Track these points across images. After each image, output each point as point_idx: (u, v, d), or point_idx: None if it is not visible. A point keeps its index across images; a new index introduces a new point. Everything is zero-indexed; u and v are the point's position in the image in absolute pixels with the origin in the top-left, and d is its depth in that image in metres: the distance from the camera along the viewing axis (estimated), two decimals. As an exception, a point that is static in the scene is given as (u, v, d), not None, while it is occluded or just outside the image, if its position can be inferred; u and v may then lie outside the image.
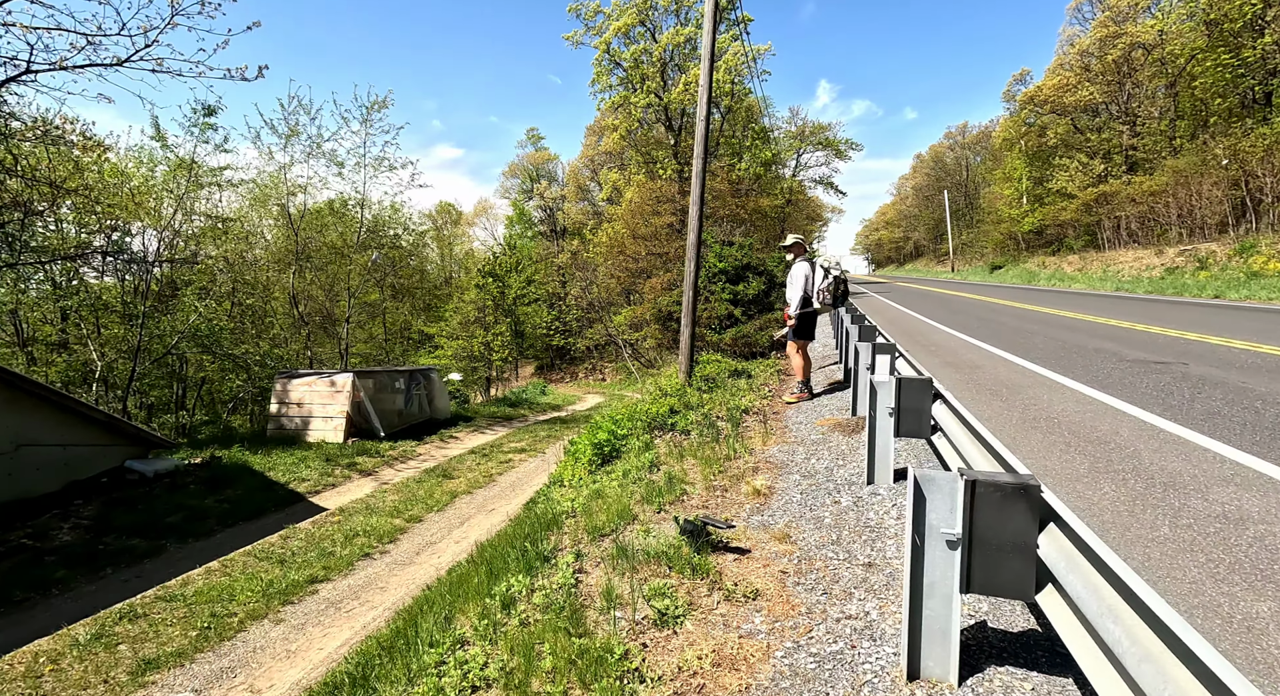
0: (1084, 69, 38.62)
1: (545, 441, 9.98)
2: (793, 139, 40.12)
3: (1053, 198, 41.85)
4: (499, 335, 27.24)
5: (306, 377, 9.07)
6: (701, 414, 6.93)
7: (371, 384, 9.69)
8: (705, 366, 9.45)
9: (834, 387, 8.08)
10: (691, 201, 8.81)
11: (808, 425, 6.24)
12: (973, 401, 6.23)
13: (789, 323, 7.41)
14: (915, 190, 70.89)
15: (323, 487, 7.01)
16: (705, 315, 12.26)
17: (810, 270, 7.33)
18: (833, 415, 6.50)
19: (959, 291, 28.74)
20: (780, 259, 20.35)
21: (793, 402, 7.45)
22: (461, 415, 12.58)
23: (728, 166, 27.13)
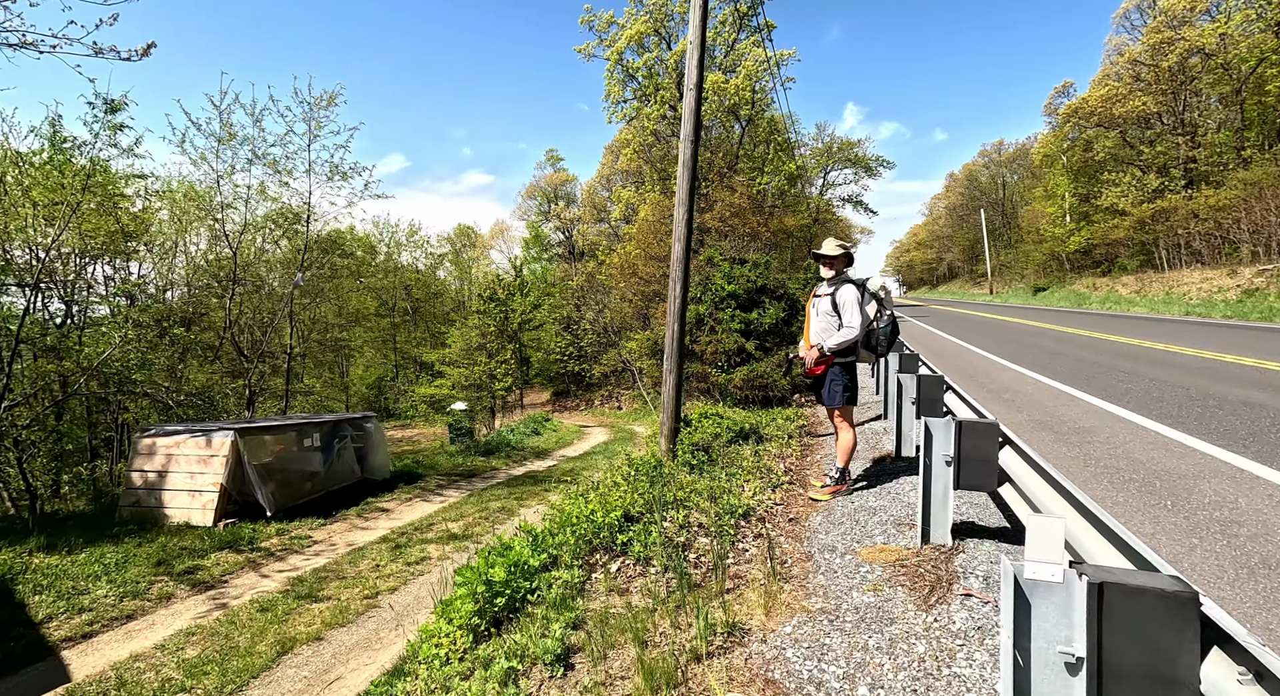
0: (1134, 78, 35.33)
1: (495, 517, 7.45)
2: (820, 155, 37.52)
3: (1101, 215, 38.33)
4: (503, 362, 24.98)
5: (176, 435, 6.75)
6: (678, 519, 4.33)
7: (268, 442, 7.30)
8: (700, 426, 6.84)
9: (880, 470, 5.38)
10: (678, 201, 6.31)
11: (847, 557, 3.61)
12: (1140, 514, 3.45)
13: (810, 366, 4.81)
14: (949, 210, 67.44)
15: (107, 623, 4.55)
16: (710, 349, 9.66)
17: (862, 298, 4.74)
18: (887, 534, 3.85)
19: (1004, 315, 25.51)
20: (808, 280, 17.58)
21: (823, 500, 4.79)
22: (410, 471, 10.12)
23: (748, 181, 24.65)
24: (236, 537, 6.30)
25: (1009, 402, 7.74)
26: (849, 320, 4.59)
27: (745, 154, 26.24)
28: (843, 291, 4.65)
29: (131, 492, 6.70)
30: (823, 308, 4.79)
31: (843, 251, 4.78)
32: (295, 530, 6.76)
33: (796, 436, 7.01)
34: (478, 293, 27.14)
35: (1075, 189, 41.71)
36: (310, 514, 7.37)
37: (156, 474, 6.67)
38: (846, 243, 4.88)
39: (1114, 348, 12.21)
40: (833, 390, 4.71)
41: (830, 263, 4.77)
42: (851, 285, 4.68)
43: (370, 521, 7.41)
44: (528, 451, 13.33)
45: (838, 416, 4.77)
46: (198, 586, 5.26)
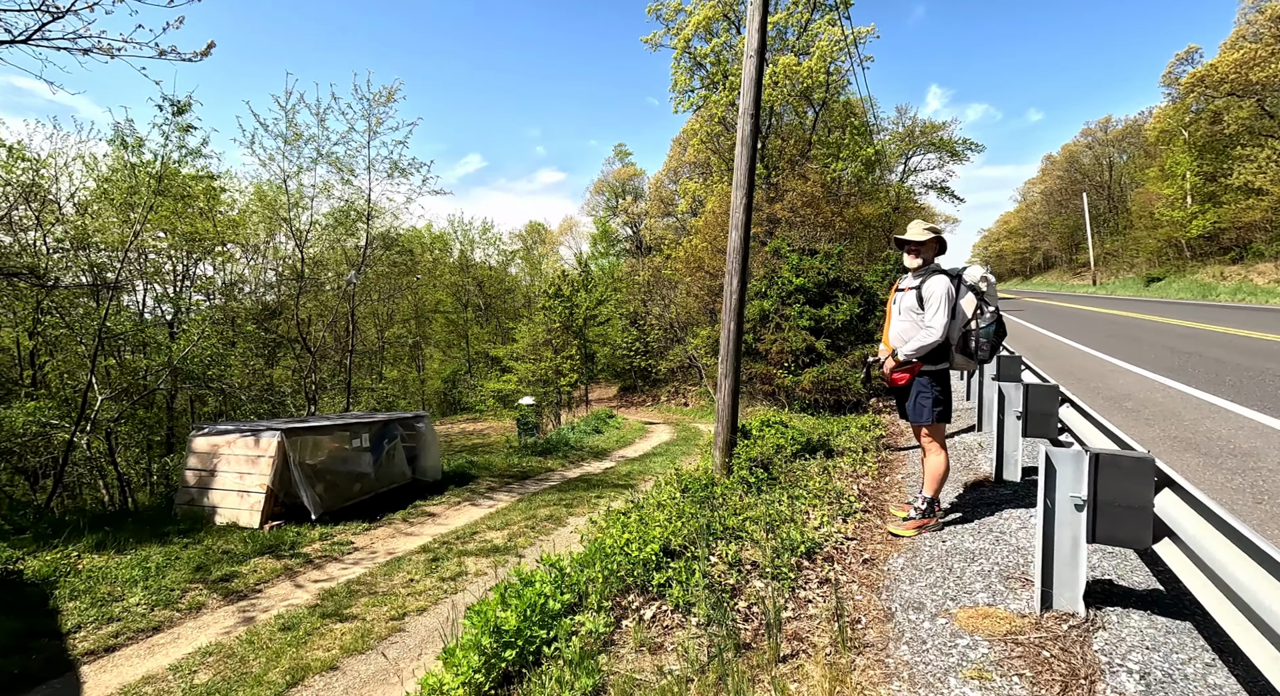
0: (1276, 38, 30.93)
1: (541, 527, 7.01)
2: (900, 140, 35.18)
3: (1232, 195, 33.95)
4: (568, 358, 24.86)
5: (227, 435, 6.70)
6: (727, 555, 3.65)
7: (316, 443, 7.17)
8: (761, 437, 6.07)
9: (976, 499, 4.45)
10: (735, 184, 5.55)
11: (940, 622, 2.82)
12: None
13: (893, 375, 4.00)
14: (1044, 195, 62.20)
15: (133, 635, 4.39)
16: (775, 349, 8.83)
17: (958, 292, 3.89)
18: (992, 591, 3.01)
19: (1113, 309, 22.81)
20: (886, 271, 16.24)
21: (906, 536, 3.97)
22: (463, 472, 9.89)
23: (821, 168, 23.24)
24: (279, 542, 6.14)
25: (1134, 414, 6.51)
26: (932, 319, 3.75)
27: (819, 140, 24.81)
28: (931, 283, 3.81)
29: (185, 491, 6.72)
30: (906, 304, 3.96)
31: (932, 236, 3.92)
32: (339, 535, 6.55)
33: (873, 450, 6.13)
34: (543, 289, 27.15)
35: (1199, 167, 37.11)
36: (357, 516, 7.18)
37: (208, 473, 6.65)
38: (936, 226, 4.02)
39: (1262, 347, 10.37)
40: (919, 404, 3.87)
41: (916, 250, 3.93)
42: (943, 276, 3.82)
43: (415, 527, 7.13)
44: (586, 451, 12.92)
45: (926, 435, 3.93)
46: (230, 596, 5.06)
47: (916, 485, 4.97)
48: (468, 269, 37.30)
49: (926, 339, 3.75)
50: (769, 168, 24.08)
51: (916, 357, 3.84)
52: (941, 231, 4.02)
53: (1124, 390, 7.94)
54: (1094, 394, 7.81)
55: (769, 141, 24.66)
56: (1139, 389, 7.90)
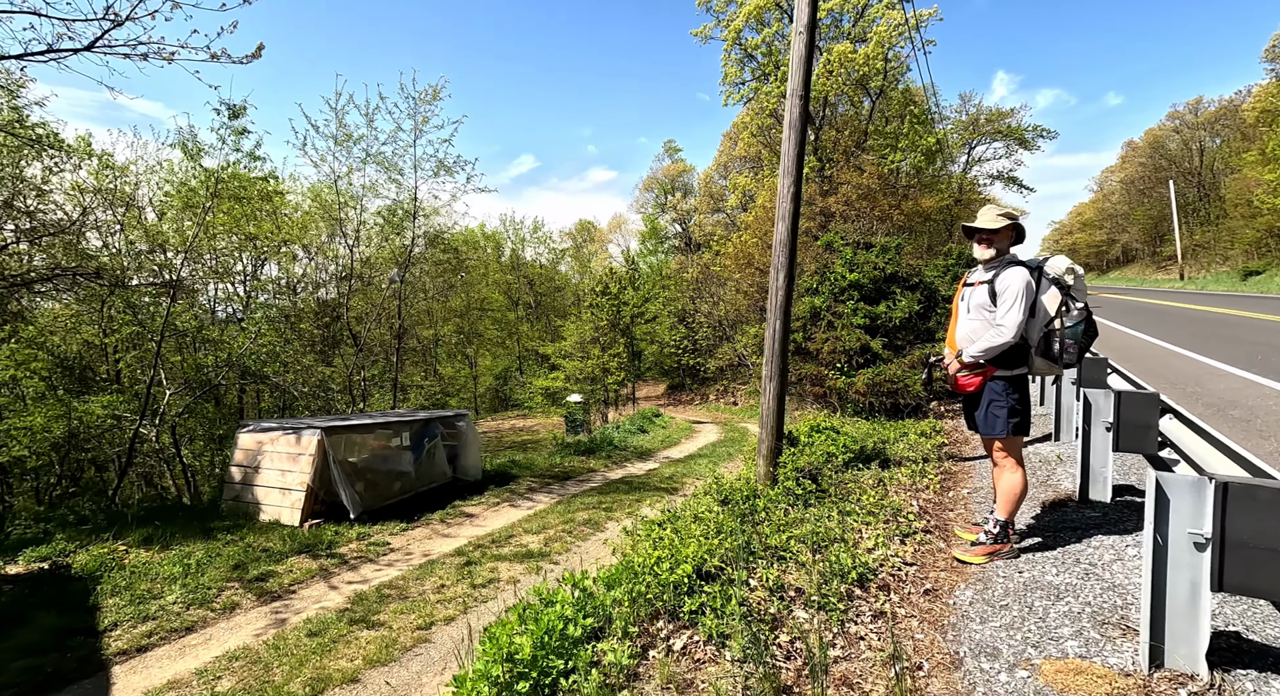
0: (1400, 3, 27.78)
1: (578, 531, 6.77)
2: (963, 129, 33.42)
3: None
4: (615, 356, 24.72)
5: (271, 432, 6.75)
6: (768, 579, 3.28)
7: (356, 441, 7.15)
8: (810, 444, 5.61)
9: (1058, 521, 3.89)
10: (782, 170, 5.13)
11: (1020, 674, 2.36)
12: None
13: (959, 379, 3.53)
14: (1124, 184, 58.11)
15: (166, 635, 4.37)
16: (827, 348, 8.30)
17: (1038, 286, 3.40)
18: (1084, 639, 2.52)
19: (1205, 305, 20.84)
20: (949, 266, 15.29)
21: (973, 563, 3.49)
22: (505, 472, 9.77)
23: (878, 159, 22.22)
24: (317, 541, 6.11)
25: (1243, 424, 5.72)
26: (1004, 317, 3.26)
27: (875, 130, 23.74)
28: (1006, 276, 3.32)
29: (232, 487, 6.81)
30: (976, 300, 3.48)
31: (1007, 223, 3.43)
32: (376, 535, 6.49)
33: (934, 460, 5.58)
34: (590, 286, 27.10)
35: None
36: (396, 516, 7.12)
37: (253, 469, 6.71)
38: (1012, 211, 3.51)
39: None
40: (992, 414, 3.39)
41: (989, 239, 3.44)
42: (1020, 269, 3.33)
43: (452, 528, 7.02)
44: (629, 452, 12.65)
45: (999, 449, 3.44)
46: (264, 596, 5.02)
47: (985, 502, 4.43)
48: (518, 267, 37.78)
49: (996, 339, 3.27)
50: (822, 160, 23.20)
51: (985, 360, 3.36)
52: (1018, 217, 3.51)
53: (1226, 395, 7.06)
54: (1191, 399, 6.98)
55: (822, 133, 23.76)
56: (1245, 395, 7.00)
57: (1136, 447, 3.89)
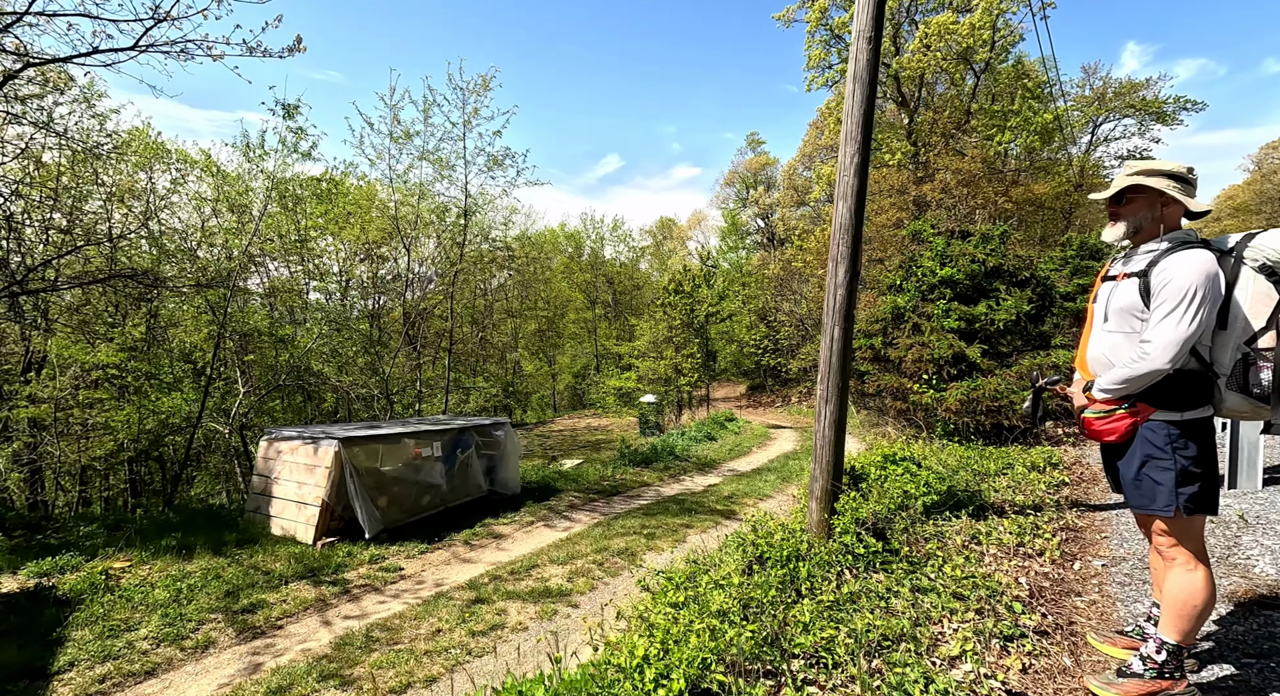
0: None
1: (608, 565, 5.92)
2: (1086, 105, 29.46)
3: None
4: (689, 356, 23.72)
5: (291, 441, 6.38)
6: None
7: (378, 453, 6.65)
8: (883, 480, 4.40)
9: (1259, 631, 2.54)
10: (844, 135, 3.96)
11: None
12: None
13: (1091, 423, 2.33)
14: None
15: (120, 681, 3.82)
16: (910, 357, 6.93)
17: (1234, 279, 2.16)
18: None
19: None
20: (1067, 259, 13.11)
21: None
22: (548, 484, 9.06)
23: (983, 141, 19.78)
24: (325, 564, 5.62)
25: None
26: (1157, 330, 2.07)
27: (980, 109, 21.22)
28: (1171, 264, 2.11)
29: (253, 498, 6.51)
30: (1120, 301, 2.28)
31: (1169, 180, 2.21)
32: (391, 557, 5.95)
33: (1050, 508, 4.23)
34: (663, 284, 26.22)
35: None
36: (419, 534, 6.58)
37: (271, 480, 6.37)
38: (1167, 165, 2.26)
39: None
40: (1149, 479, 2.19)
41: (1133, 211, 2.25)
42: (1196, 252, 2.10)
43: (475, 551, 6.37)
44: (690, 462, 11.66)
45: (1164, 535, 2.22)
46: (245, 633, 4.52)
47: (1132, 585, 3.12)
48: (597, 266, 37.57)
49: (1139, 367, 2.09)
50: (917, 145, 21.01)
51: (1122, 395, 2.17)
52: (1176, 171, 2.24)
53: None
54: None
55: (918, 115, 21.52)
56: None
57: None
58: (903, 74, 20.42)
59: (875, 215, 18.70)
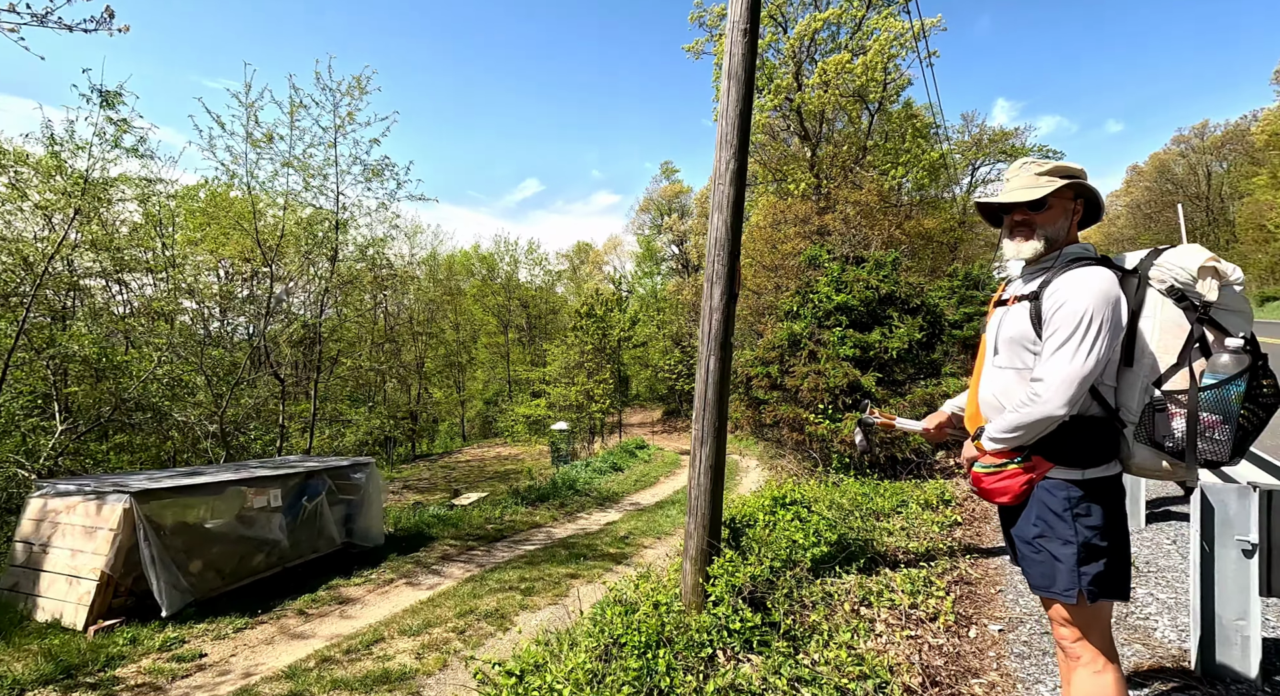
0: None
1: (471, 631, 5.06)
2: (966, 149, 32.04)
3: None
4: (602, 382, 23.07)
5: (69, 497, 5.10)
6: None
7: (191, 506, 5.46)
8: (770, 530, 3.89)
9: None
10: (720, 140, 3.50)
11: None
12: None
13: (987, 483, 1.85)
14: (1130, 208, 56.65)
15: None
16: (807, 386, 6.61)
17: (1139, 303, 1.75)
18: None
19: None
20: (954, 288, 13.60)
21: None
22: (420, 532, 8.02)
23: (879, 176, 20.75)
24: (93, 658, 4.39)
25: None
26: (1048, 365, 1.66)
27: (875, 145, 22.34)
28: (1065, 285, 1.69)
29: (13, 571, 5.11)
30: (1010, 329, 1.84)
31: (1065, 183, 1.81)
32: (194, 639, 4.79)
33: (944, 556, 3.85)
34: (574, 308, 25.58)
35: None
36: (245, 604, 5.43)
37: (40, 548, 5.04)
38: (1070, 166, 1.86)
39: None
40: (1046, 554, 1.75)
41: (1030, 221, 1.85)
42: (1094, 270, 1.68)
43: (313, 621, 5.31)
44: (591, 497, 10.91)
45: (1065, 624, 1.77)
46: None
47: (1032, 654, 2.71)
48: (512, 289, 36.42)
49: (1031, 412, 1.66)
50: (819, 177, 21.77)
51: (1015, 446, 1.74)
52: (1081, 174, 1.86)
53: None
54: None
55: (820, 149, 22.36)
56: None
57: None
58: (805, 109, 21.17)
59: (781, 243, 19.08)
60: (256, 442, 9.58)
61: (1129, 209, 57.12)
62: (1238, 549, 2.32)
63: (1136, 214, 55.38)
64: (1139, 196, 55.33)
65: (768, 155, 24.23)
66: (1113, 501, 1.74)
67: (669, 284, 37.20)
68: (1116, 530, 1.72)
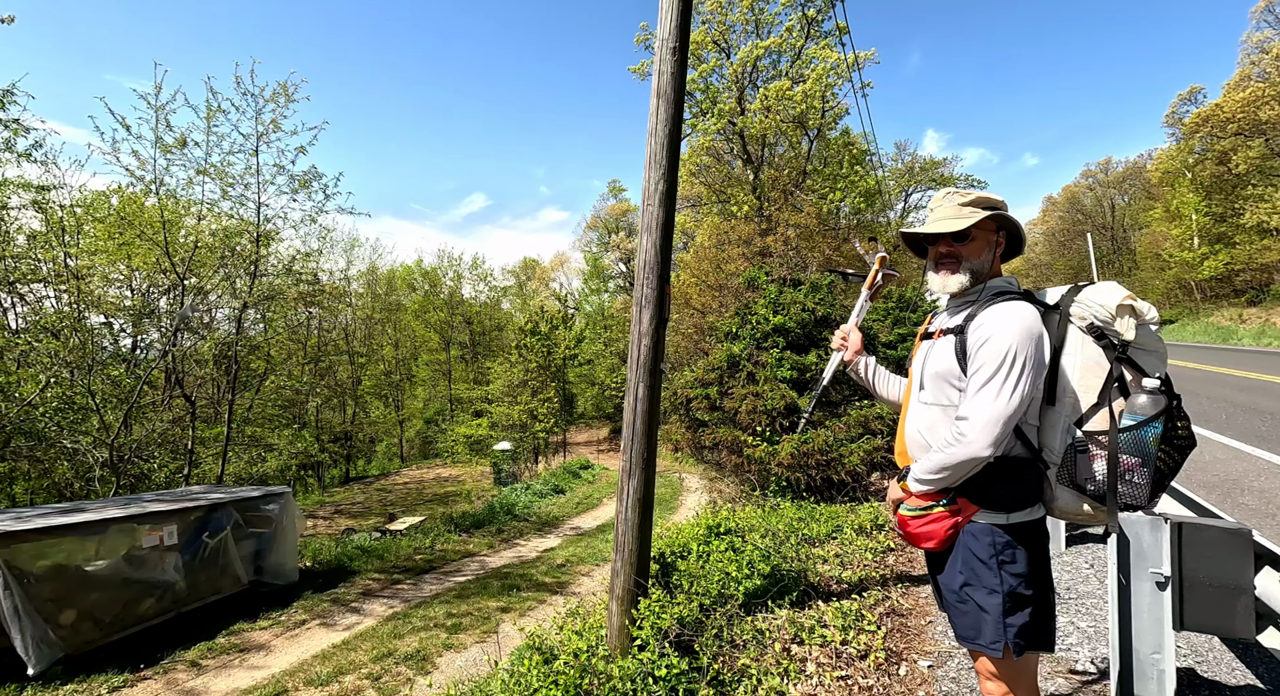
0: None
1: (395, 675, 4.67)
2: (900, 177, 33.65)
3: (1246, 236, 32.27)
4: (546, 401, 22.61)
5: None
6: None
7: (62, 549, 4.87)
8: (704, 561, 3.75)
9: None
10: (649, 159, 3.38)
11: None
12: None
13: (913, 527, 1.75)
14: (1047, 236, 60.76)
15: None
16: (745, 407, 6.57)
17: (1060, 339, 1.69)
18: None
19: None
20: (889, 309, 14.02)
21: None
22: (341, 566, 7.50)
23: (818, 199, 21.42)
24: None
25: (1272, 519, 4.19)
26: (973, 404, 1.57)
27: (815, 170, 23.09)
28: (991, 320, 1.62)
29: None
30: (936, 364, 1.75)
31: (988, 214, 1.75)
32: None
33: (876, 587, 3.79)
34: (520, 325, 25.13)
35: (1207, 207, 35.53)
36: (129, 656, 4.86)
37: (-124, 600, 4.34)
38: (992, 198, 1.81)
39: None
40: (972, 604, 1.65)
41: (955, 254, 1.78)
42: (1018, 305, 1.62)
43: (207, 674, 4.78)
44: (531, 522, 10.53)
45: (991, 678, 1.68)
46: None
47: (961, 692, 2.65)
48: (456, 305, 35.47)
49: (956, 453, 1.57)
50: (761, 199, 22.27)
51: (940, 487, 1.65)
52: (1003, 206, 1.81)
53: (1222, 472, 5.61)
54: (1180, 478, 5.49)
55: (762, 172, 22.92)
56: (1244, 472, 5.57)
57: (1218, 626, 2.19)
58: (748, 133, 21.69)
59: (725, 264, 19.31)
60: (160, 472, 8.75)
61: (1045, 236, 61.30)
62: (1152, 581, 2.32)
63: (1052, 241, 59.49)
64: (1054, 225, 59.45)
65: (712, 177, 24.68)
66: (1038, 547, 1.67)
67: (616, 301, 37.18)
68: (1041, 577, 1.65)
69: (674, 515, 11.64)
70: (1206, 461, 5.99)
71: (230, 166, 8.67)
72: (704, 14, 21.72)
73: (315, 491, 23.16)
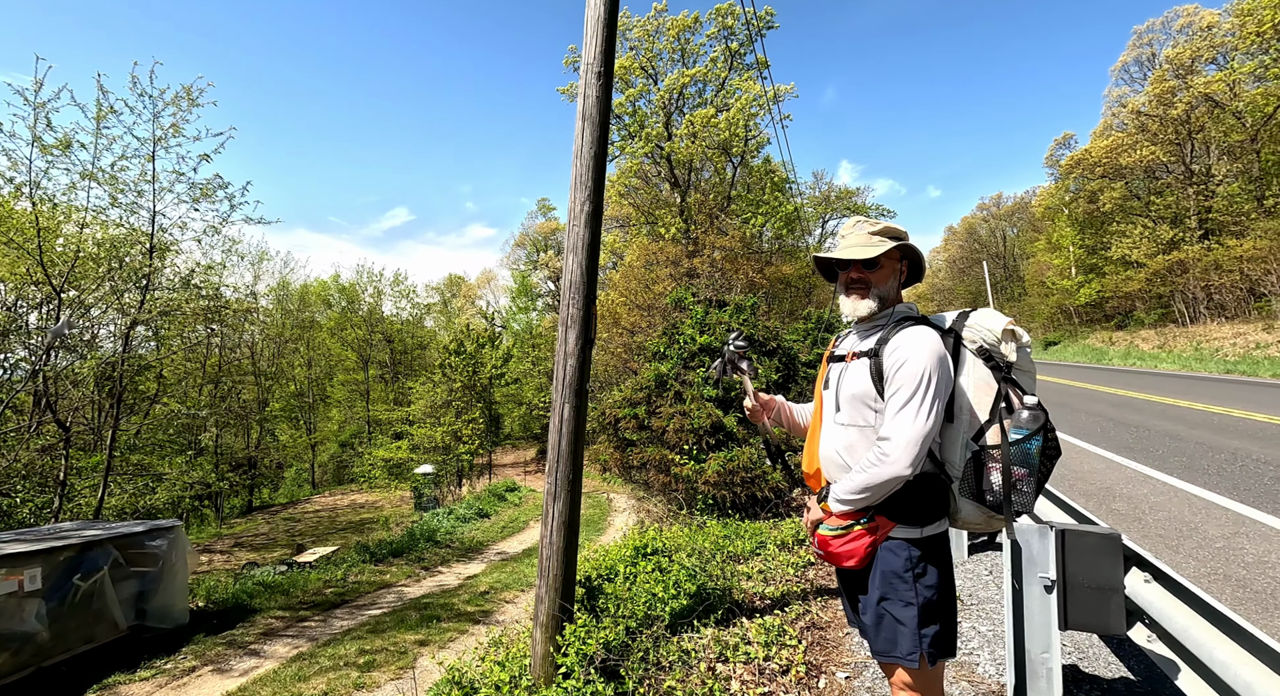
0: (1139, 129, 33.44)
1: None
2: (818, 204, 35.49)
3: (1113, 267, 36.14)
4: (471, 421, 21.92)
5: None
6: None
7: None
8: (630, 584, 3.73)
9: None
10: (574, 180, 3.39)
11: None
12: None
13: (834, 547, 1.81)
14: (949, 263, 65.63)
15: None
16: (673, 426, 6.63)
17: (956, 362, 1.80)
18: None
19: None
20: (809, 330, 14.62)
21: None
22: (240, 604, 6.89)
23: (741, 223, 22.21)
24: None
25: (1136, 522, 4.64)
26: (894, 425, 1.66)
27: (739, 196, 23.96)
28: (904, 343, 1.72)
29: None
30: (851, 386, 1.84)
31: (896, 244, 1.86)
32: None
33: (797, 600, 3.89)
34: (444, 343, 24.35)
35: (1082, 240, 39.71)
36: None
37: None
38: (896, 228, 1.94)
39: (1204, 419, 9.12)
40: (890, 619, 1.71)
41: (865, 279, 1.88)
42: (926, 330, 1.74)
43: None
44: (454, 548, 10.11)
45: (904, 688, 1.75)
46: None
47: (863, 691, 2.75)
48: (375, 323, 33.90)
49: (880, 472, 1.64)
50: (688, 222, 22.84)
51: (861, 507, 1.73)
52: (906, 236, 1.94)
53: (1099, 481, 6.18)
54: (1064, 487, 6.02)
55: (689, 195, 23.55)
56: (1116, 480, 6.16)
57: (1096, 624, 2.39)
58: (675, 157, 22.25)
59: (653, 284, 19.60)
60: (23, 507, 7.71)
61: (948, 263, 66.28)
62: (1041, 585, 2.51)
63: (953, 268, 64.37)
64: (954, 253, 64.39)
65: (641, 199, 25.10)
66: (944, 559, 1.76)
67: (545, 319, 36.80)
68: (947, 587, 1.74)
69: (602, 536, 11.53)
70: (1085, 471, 6.59)
71: (123, 172, 7.96)
72: (632, 40, 22.26)
73: (212, 523, 21.28)
